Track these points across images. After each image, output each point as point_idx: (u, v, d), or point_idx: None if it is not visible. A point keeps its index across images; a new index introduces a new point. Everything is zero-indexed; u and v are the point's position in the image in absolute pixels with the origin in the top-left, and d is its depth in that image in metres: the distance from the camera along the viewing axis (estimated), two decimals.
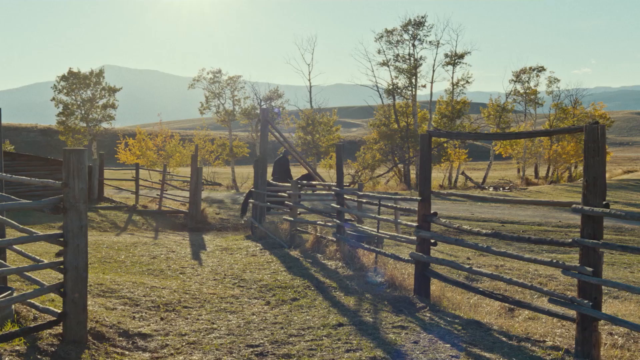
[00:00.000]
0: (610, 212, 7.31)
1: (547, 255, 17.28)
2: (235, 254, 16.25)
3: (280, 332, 8.58)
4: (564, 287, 12.84)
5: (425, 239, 10.75)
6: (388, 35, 57.74)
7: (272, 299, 10.73)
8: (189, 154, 50.09)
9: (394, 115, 57.89)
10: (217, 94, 58.73)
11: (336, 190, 14.98)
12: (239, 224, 25.05)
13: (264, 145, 21.35)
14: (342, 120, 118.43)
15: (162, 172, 29.32)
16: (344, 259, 13.88)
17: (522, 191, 44.27)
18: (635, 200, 37.58)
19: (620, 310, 10.99)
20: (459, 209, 29.95)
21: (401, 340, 8.19)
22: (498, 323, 9.30)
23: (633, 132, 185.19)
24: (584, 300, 7.52)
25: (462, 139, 51.80)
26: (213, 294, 10.95)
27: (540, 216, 27.25)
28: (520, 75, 64.99)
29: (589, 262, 7.52)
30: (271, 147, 33.56)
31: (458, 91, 60.18)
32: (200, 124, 65.30)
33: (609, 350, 7.99)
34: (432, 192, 10.94)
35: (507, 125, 63.60)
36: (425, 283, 10.75)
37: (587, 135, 7.61)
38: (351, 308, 9.99)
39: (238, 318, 9.38)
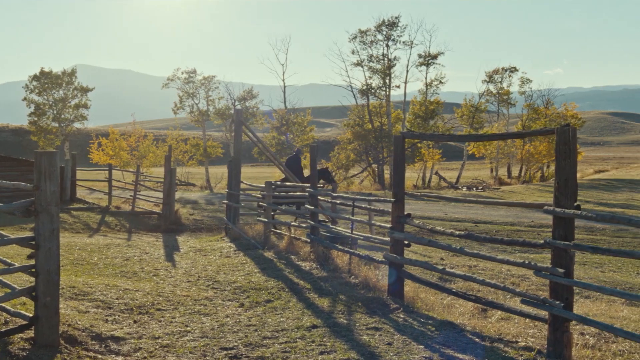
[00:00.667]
0: (581, 213, 7.38)
1: (519, 256, 17.41)
2: (209, 255, 16.20)
3: (254, 335, 8.57)
4: (537, 287, 12.94)
5: (399, 240, 10.78)
6: (362, 35, 57.83)
7: (246, 301, 10.72)
8: (162, 154, 49.82)
9: (368, 116, 58.01)
10: (191, 94, 58.48)
11: (310, 191, 14.99)
12: (213, 224, 24.99)
13: (237, 146, 21.29)
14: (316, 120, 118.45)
15: (136, 173, 29.15)
16: (318, 260, 13.88)
17: (495, 191, 44.55)
18: (606, 199, 37.96)
19: (592, 310, 11.09)
20: (433, 209, 30.09)
21: (375, 342, 8.21)
22: (471, 324, 9.35)
23: (604, 132, 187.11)
24: (555, 301, 7.58)
25: (435, 140, 52.12)
26: (187, 296, 10.91)
27: (513, 216, 27.44)
28: (493, 75, 65.45)
29: (561, 263, 7.59)
30: (245, 148, 33.46)
31: (431, 91, 60.49)
32: (174, 124, 64.98)
33: (581, 350, 8.06)
34: (405, 194, 10.98)
35: (480, 125, 64.00)
36: (399, 284, 10.78)
37: (558, 137, 7.67)
38: (325, 309, 10.00)
39: (212, 320, 9.36)
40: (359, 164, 58.21)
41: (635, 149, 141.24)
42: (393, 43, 57.93)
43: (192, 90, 58.46)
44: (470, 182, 58.46)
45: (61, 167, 27.76)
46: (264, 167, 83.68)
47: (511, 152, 62.65)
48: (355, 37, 58.08)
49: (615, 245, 20.67)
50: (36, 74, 61.03)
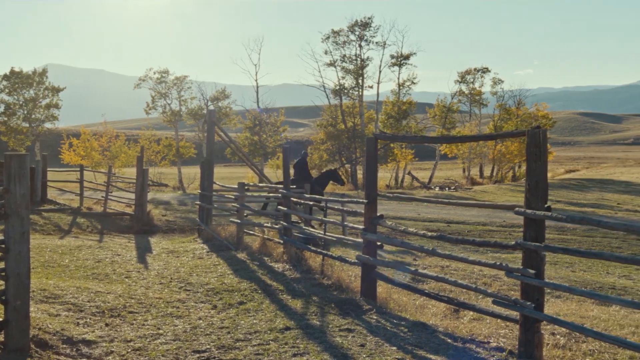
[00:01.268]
0: (551, 215, 7.44)
1: (491, 256, 17.51)
2: (181, 256, 16.14)
3: (227, 337, 8.55)
4: (508, 287, 13.02)
5: (372, 241, 10.82)
6: (335, 35, 57.89)
7: (219, 303, 10.68)
8: (134, 154, 49.51)
9: (341, 116, 58.10)
10: (163, 94, 58.22)
11: (283, 192, 14.98)
12: (186, 225, 24.89)
13: (210, 147, 21.22)
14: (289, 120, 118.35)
15: (107, 174, 28.95)
16: (291, 261, 13.88)
17: (468, 191, 44.81)
18: (576, 199, 38.32)
19: (562, 309, 11.18)
20: (406, 209, 30.19)
21: (348, 344, 8.23)
22: (444, 324, 9.40)
23: (575, 132, 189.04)
24: (526, 302, 7.64)
25: (407, 142, 52.39)
26: (159, 299, 10.86)
27: (485, 216, 27.61)
28: (465, 76, 65.86)
29: (532, 264, 7.65)
30: (218, 148, 33.34)
31: (404, 92, 60.67)
32: (146, 124, 64.70)
33: (551, 350, 8.13)
34: (378, 195, 11.01)
35: (452, 125, 64.36)
36: (372, 285, 10.81)
37: (529, 139, 7.74)
38: (298, 311, 10.00)
39: (184, 323, 9.31)
40: (332, 164, 58.27)
41: (605, 149, 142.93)
42: (366, 43, 58.08)
43: (165, 90, 58.23)
44: (443, 182, 58.77)
45: (32, 168, 27.50)
46: (237, 167, 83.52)
47: (483, 152, 63.09)
48: (328, 37, 58.16)
49: (586, 245, 20.86)
50: (6, 74, 60.34)
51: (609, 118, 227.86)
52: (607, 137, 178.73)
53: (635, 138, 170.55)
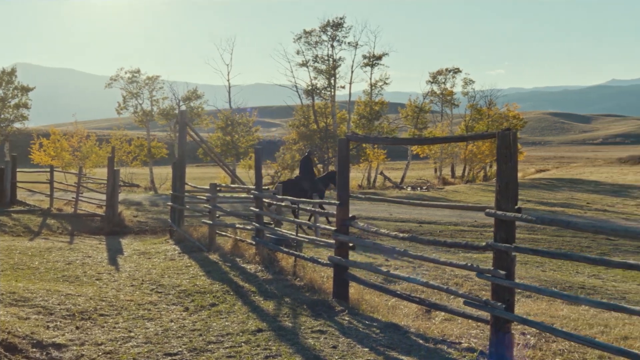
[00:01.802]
0: (521, 216, 7.50)
1: (463, 256, 17.60)
2: (153, 258, 16.06)
3: (199, 339, 8.52)
4: (479, 287, 13.09)
5: (344, 242, 10.83)
6: (307, 36, 57.90)
7: (191, 305, 10.64)
8: (105, 155, 49.15)
9: (313, 116, 58.11)
10: (134, 94, 57.94)
11: (255, 193, 14.95)
12: (158, 226, 24.75)
13: (182, 148, 21.14)
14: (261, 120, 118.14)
15: (78, 174, 28.73)
16: (263, 262, 13.86)
17: (439, 191, 45.02)
18: (546, 199, 38.65)
19: (533, 309, 11.27)
20: (378, 209, 30.26)
21: (320, 345, 8.23)
22: (415, 325, 9.44)
23: (545, 132, 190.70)
24: (497, 303, 7.70)
25: (379, 143, 52.47)
26: (130, 301, 10.80)
27: (457, 216, 27.76)
28: (437, 76, 66.18)
29: (502, 265, 7.70)
30: (190, 148, 33.19)
31: (376, 92, 60.88)
32: (117, 124, 64.23)
33: (522, 350, 8.20)
34: (350, 196, 11.04)
35: (424, 125, 64.68)
36: (344, 286, 10.83)
37: (499, 141, 7.79)
38: (270, 313, 10.00)
39: (156, 325, 9.27)
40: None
41: (574, 149, 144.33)
42: (338, 44, 58.17)
43: (136, 90, 57.96)
44: (415, 182, 58.99)
45: (0, 169, 27.22)
46: (209, 167, 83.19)
47: (455, 152, 63.45)
48: (300, 37, 58.16)
49: (556, 245, 21.06)
50: None
51: (578, 118, 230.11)
52: (576, 137, 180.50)
53: (604, 138, 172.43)
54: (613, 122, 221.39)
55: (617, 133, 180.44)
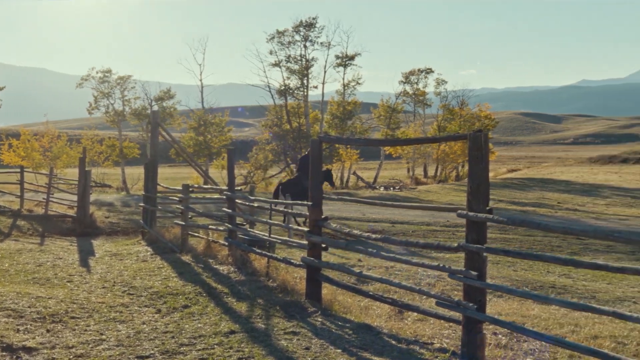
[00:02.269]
0: (493, 218, 7.56)
1: (435, 256, 17.68)
2: (125, 259, 15.96)
3: (171, 342, 8.48)
4: (452, 287, 13.15)
5: (317, 243, 10.85)
6: (280, 36, 57.82)
7: (163, 307, 10.59)
8: (77, 155, 48.68)
9: (286, 116, 58.08)
10: (106, 93, 57.57)
11: (227, 194, 14.92)
12: (130, 227, 24.59)
13: (154, 148, 21.02)
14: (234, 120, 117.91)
15: (49, 175, 28.47)
16: (236, 263, 13.84)
17: (412, 191, 45.16)
18: (518, 198, 38.92)
19: (505, 309, 11.35)
20: (351, 209, 30.29)
21: (293, 347, 8.23)
22: (388, 326, 9.47)
23: (516, 132, 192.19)
24: (469, 303, 7.75)
25: (352, 144, 52.59)
26: (102, 303, 10.72)
27: (429, 216, 27.85)
28: (409, 76, 66.42)
29: (474, 266, 7.75)
30: (162, 148, 33.00)
31: (349, 92, 60.96)
32: (89, 124, 63.73)
33: (494, 350, 8.26)
34: (323, 197, 11.06)
35: (397, 125, 64.90)
36: (317, 287, 10.84)
37: (471, 143, 7.83)
38: (243, 314, 9.98)
39: (128, 328, 9.21)
40: (277, 164, 58.23)
41: (546, 149, 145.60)
42: (311, 44, 58.16)
43: (108, 90, 57.60)
44: (388, 182, 59.15)
45: None
46: (181, 167, 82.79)
47: (427, 152, 63.70)
48: (273, 37, 58.06)
49: (527, 244, 21.22)
50: None
51: (549, 118, 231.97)
52: (547, 137, 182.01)
53: (574, 138, 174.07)
54: (583, 122, 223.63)
55: (587, 133, 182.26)
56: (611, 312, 6.37)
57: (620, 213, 32.19)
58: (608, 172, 56.73)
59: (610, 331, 9.50)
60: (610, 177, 51.86)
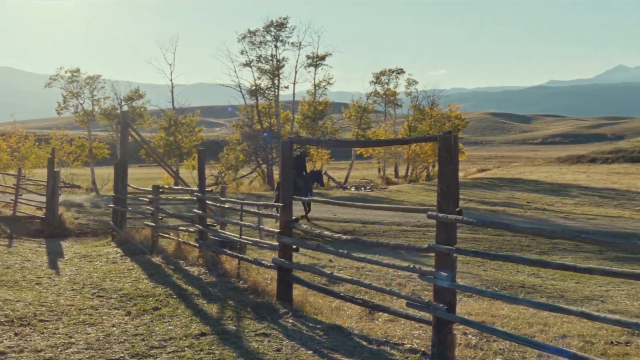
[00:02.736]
0: (462, 219, 7.61)
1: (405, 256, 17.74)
2: (94, 261, 15.84)
3: (141, 344, 8.43)
4: (422, 287, 13.21)
5: (287, 244, 10.85)
6: (251, 36, 57.67)
7: (133, 309, 10.53)
8: (45, 155, 48.25)
9: (257, 116, 57.97)
10: (75, 93, 57.08)
11: (198, 195, 14.87)
12: (99, 229, 24.40)
13: (124, 149, 20.89)
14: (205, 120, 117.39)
15: (17, 175, 28.17)
16: (206, 265, 13.79)
17: (383, 190, 45.30)
18: (488, 198, 39.19)
19: (475, 308, 11.44)
20: (322, 210, 30.30)
21: (264, 349, 8.23)
22: (359, 327, 9.50)
23: (486, 132, 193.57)
24: (439, 304, 7.79)
25: (322, 146, 52.68)
26: (71, 306, 10.63)
27: (400, 216, 27.94)
28: (380, 77, 66.54)
29: (444, 267, 7.80)
30: (132, 149, 32.77)
31: (320, 92, 60.97)
32: (57, 123, 63.20)
33: (464, 350, 8.32)
34: (294, 198, 11.06)
35: (368, 126, 65.03)
36: (288, 288, 10.85)
37: (440, 144, 7.88)
38: (214, 316, 9.95)
39: (97, 331, 9.14)
40: (249, 164, 58.11)
41: (515, 149, 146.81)
42: (282, 44, 58.06)
43: (77, 89, 57.12)
44: (359, 182, 59.26)
45: None
46: (152, 167, 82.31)
47: (398, 152, 63.93)
48: (244, 37, 57.90)
49: (497, 244, 21.39)
50: None
51: (518, 118, 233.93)
52: (517, 137, 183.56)
53: (543, 138, 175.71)
54: (552, 122, 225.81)
55: (556, 133, 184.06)
56: (579, 312, 6.45)
57: (588, 212, 32.55)
58: (576, 171, 57.31)
59: (578, 330, 9.62)
60: (578, 177, 52.39)
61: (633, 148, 65.76)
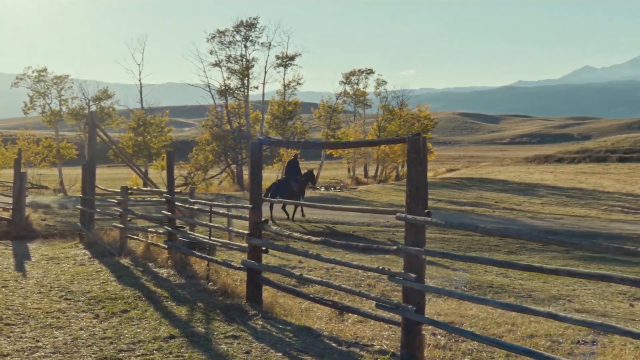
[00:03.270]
0: (431, 221, 7.65)
1: (375, 257, 17.78)
2: (62, 263, 15.69)
3: (110, 348, 8.37)
4: (392, 288, 13.24)
5: (257, 246, 10.83)
6: (220, 36, 57.48)
7: (102, 312, 10.45)
8: (12, 156, 47.73)
9: (227, 116, 57.80)
10: (42, 93, 56.54)
11: (167, 197, 14.80)
12: (67, 230, 24.15)
13: (92, 150, 20.73)
14: (174, 120, 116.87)
15: None
16: (175, 266, 13.73)
17: (353, 191, 45.36)
18: (457, 198, 39.40)
19: (444, 309, 11.48)
20: (291, 210, 30.28)
21: (233, 351, 8.21)
22: (329, 328, 9.50)
23: (455, 132, 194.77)
24: (408, 306, 7.83)
25: (291, 147, 52.56)
26: (38, 309, 10.53)
27: (369, 216, 27.97)
28: (350, 77, 66.73)
29: (413, 268, 7.83)
30: (101, 149, 32.56)
31: (290, 92, 60.95)
32: (24, 123, 62.50)
33: (433, 350, 8.36)
34: (263, 200, 11.06)
35: (337, 126, 65.12)
36: (258, 290, 10.83)
37: (409, 146, 7.90)
38: (183, 318, 9.91)
39: (65, 334, 9.06)
40: (218, 164, 57.91)
41: (483, 148, 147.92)
42: (251, 44, 57.96)
43: (44, 89, 56.59)
44: (329, 182, 59.28)
45: None
46: (120, 168, 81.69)
47: (367, 152, 64.08)
48: (214, 37, 57.70)
49: (466, 244, 21.52)
50: None
51: (487, 118, 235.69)
52: (485, 137, 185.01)
53: (511, 138, 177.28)
54: (520, 122, 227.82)
55: (523, 133, 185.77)
56: (546, 313, 6.51)
57: (555, 212, 32.87)
58: (544, 171, 57.82)
59: (545, 330, 9.70)
60: (545, 177, 52.87)
61: (599, 148, 66.52)
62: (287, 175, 27.51)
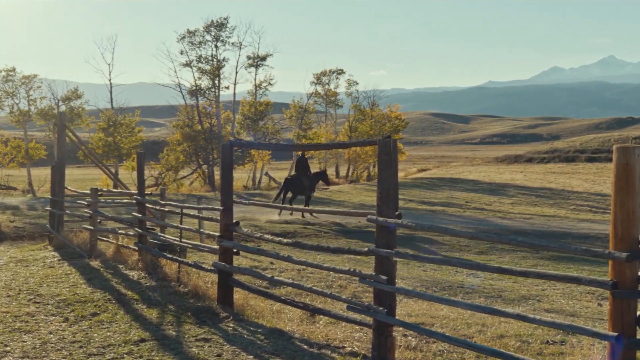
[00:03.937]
0: (402, 223, 7.68)
1: (347, 257, 17.80)
2: (31, 266, 15.54)
3: (79, 352, 8.31)
4: (363, 289, 13.27)
5: (228, 248, 10.80)
6: (190, 35, 57.29)
7: (71, 315, 10.36)
8: None
9: (198, 117, 57.60)
10: (10, 93, 55.96)
11: (137, 198, 14.71)
12: (36, 232, 23.93)
13: (61, 151, 20.54)
14: (145, 120, 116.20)
15: None
16: (146, 269, 13.66)
17: (324, 191, 45.40)
18: (428, 198, 39.59)
19: (414, 309, 11.52)
20: (263, 210, 30.23)
21: (204, 354, 8.18)
22: (300, 330, 9.50)
23: (426, 132, 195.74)
24: (379, 308, 7.84)
25: (262, 149, 52.58)
26: (6, 313, 10.41)
27: (341, 217, 28.03)
28: (321, 77, 66.76)
29: (384, 270, 7.86)
30: (70, 149, 32.29)
31: (261, 92, 60.87)
32: None
33: (404, 352, 8.38)
34: (235, 201, 11.02)
35: (308, 126, 65.14)
36: (229, 292, 10.80)
37: (380, 148, 7.92)
38: (154, 321, 9.86)
39: (34, 338, 8.97)
40: (189, 165, 57.69)
41: (454, 148, 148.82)
42: (222, 44, 57.85)
43: (12, 89, 56.01)
44: None
45: None
46: (90, 168, 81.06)
47: (339, 152, 64.21)
48: (184, 37, 57.49)
49: (437, 244, 21.65)
50: None
51: (457, 118, 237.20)
52: (456, 137, 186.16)
53: (482, 138, 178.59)
54: (490, 122, 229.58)
55: (494, 133, 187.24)
56: (515, 315, 6.56)
57: (525, 212, 33.15)
58: (514, 171, 58.25)
59: (515, 330, 9.77)
60: (515, 177, 53.26)
61: (568, 148, 67.13)
62: (297, 172, 28.98)
